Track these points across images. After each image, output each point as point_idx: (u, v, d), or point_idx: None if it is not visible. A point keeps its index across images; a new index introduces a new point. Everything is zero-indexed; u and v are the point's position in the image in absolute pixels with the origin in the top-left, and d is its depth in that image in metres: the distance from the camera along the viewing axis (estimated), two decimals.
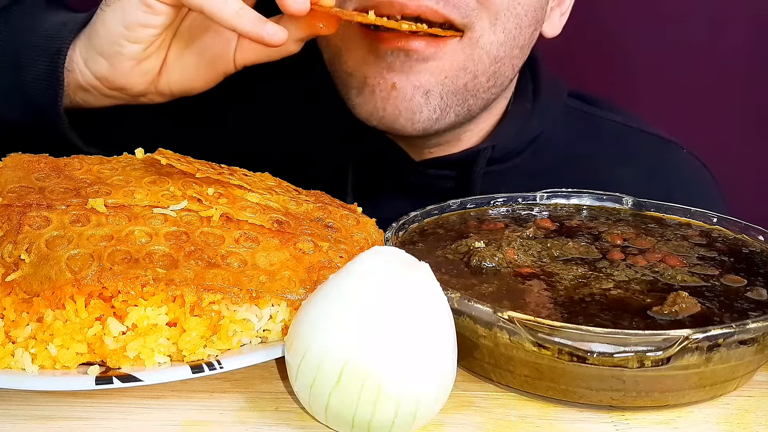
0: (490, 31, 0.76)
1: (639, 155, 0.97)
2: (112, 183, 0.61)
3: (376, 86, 0.77)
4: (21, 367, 0.51)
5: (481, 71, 0.78)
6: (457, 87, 0.78)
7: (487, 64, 0.78)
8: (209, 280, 0.54)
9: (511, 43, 0.79)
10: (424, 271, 0.49)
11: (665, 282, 0.61)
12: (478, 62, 0.77)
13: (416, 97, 0.77)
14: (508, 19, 0.77)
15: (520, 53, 0.81)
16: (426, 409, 0.48)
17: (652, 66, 1.29)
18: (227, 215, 0.59)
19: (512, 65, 0.82)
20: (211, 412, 0.52)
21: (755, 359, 0.54)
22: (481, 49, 0.77)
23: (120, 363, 0.52)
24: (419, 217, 0.72)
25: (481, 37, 0.76)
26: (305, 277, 0.57)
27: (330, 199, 0.70)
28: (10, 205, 0.57)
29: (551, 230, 0.71)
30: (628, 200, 0.78)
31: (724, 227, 0.72)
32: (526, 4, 0.78)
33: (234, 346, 0.55)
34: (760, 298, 0.58)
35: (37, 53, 0.73)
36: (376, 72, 0.77)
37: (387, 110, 0.77)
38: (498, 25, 0.76)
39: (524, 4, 0.78)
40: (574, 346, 0.50)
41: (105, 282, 0.52)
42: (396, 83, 0.76)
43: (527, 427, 0.52)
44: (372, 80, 0.77)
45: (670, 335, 0.49)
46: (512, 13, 0.77)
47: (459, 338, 0.51)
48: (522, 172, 0.91)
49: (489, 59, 0.78)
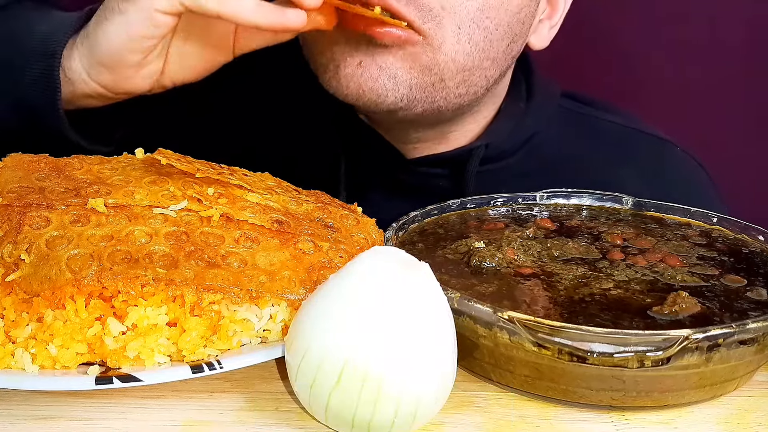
0: (453, 39, 0.76)
1: (635, 155, 0.97)
2: (112, 183, 0.61)
3: (341, 62, 0.77)
4: (21, 367, 0.51)
5: (448, 77, 0.79)
6: (425, 84, 0.78)
7: (454, 71, 0.78)
8: (209, 280, 0.54)
9: (480, 55, 0.79)
10: (424, 271, 0.49)
11: (665, 282, 0.61)
12: (443, 67, 0.78)
13: (381, 78, 0.76)
14: (473, 30, 0.77)
15: (492, 65, 0.81)
16: (426, 409, 0.48)
17: (651, 66, 1.29)
18: (227, 215, 0.59)
19: (485, 76, 0.82)
20: (211, 412, 0.52)
21: (755, 359, 0.54)
22: (445, 55, 0.77)
23: (120, 363, 0.52)
24: (419, 217, 0.72)
25: (443, 44, 0.76)
26: (305, 277, 0.57)
27: (330, 199, 0.70)
28: (10, 205, 0.57)
29: (551, 230, 0.71)
30: (628, 200, 0.78)
31: (724, 227, 0.72)
32: (496, 18, 0.78)
33: (234, 346, 0.55)
34: (760, 298, 0.58)
35: (32, 56, 0.73)
36: (344, 50, 0.77)
37: (350, 88, 0.78)
38: (462, 35, 0.77)
39: (494, 18, 0.78)
40: (574, 346, 0.50)
41: (105, 282, 0.52)
42: (362, 61, 0.76)
43: (527, 427, 0.52)
44: (339, 56, 0.78)
45: (670, 335, 0.49)
46: (479, 25, 0.77)
47: (459, 338, 0.51)
48: (516, 171, 0.91)
49: (455, 66, 0.78)
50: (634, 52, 1.29)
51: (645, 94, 1.30)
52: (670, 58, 1.28)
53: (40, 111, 0.74)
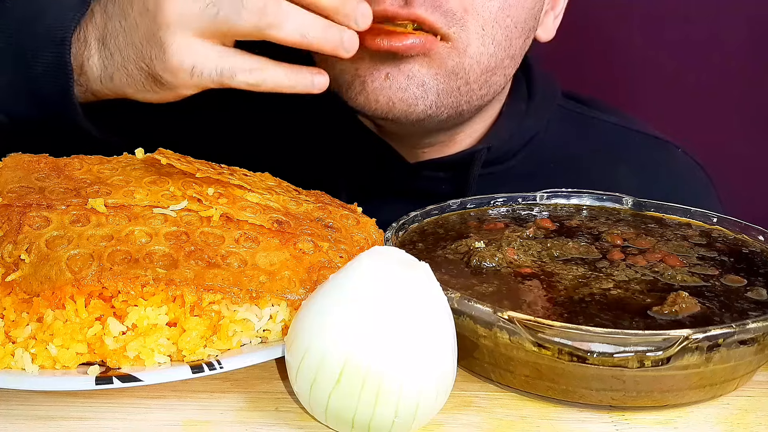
0: (478, 42, 0.77)
1: (634, 156, 0.97)
2: (112, 183, 0.61)
3: (367, 77, 0.77)
4: (21, 367, 0.51)
5: (473, 79, 0.79)
6: (451, 89, 0.78)
7: (479, 72, 0.79)
8: (209, 280, 0.54)
9: (502, 54, 0.79)
10: (424, 271, 0.49)
11: (665, 282, 0.61)
12: (469, 70, 0.78)
13: (411, 87, 0.76)
14: (496, 31, 0.77)
15: (511, 62, 0.82)
16: (426, 409, 0.48)
17: (651, 66, 1.29)
18: (227, 215, 0.59)
19: (504, 74, 0.82)
20: (211, 412, 0.52)
21: (755, 359, 0.54)
22: (471, 58, 0.77)
23: (120, 363, 0.52)
24: (419, 217, 0.72)
25: (468, 46, 0.76)
26: (305, 277, 0.57)
27: (330, 199, 0.70)
28: (10, 205, 0.57)
29: (551, 230, 0.71)
30: (628, 200, 0.78)
31: (724, 227, 0.72)
32: (515, 16, 0.78)
33: (234, 346, 0.55)
34: (760, 298, 0.58)
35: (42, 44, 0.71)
36: (368, 66, 0.77)
37: (380, 101, 0.77)
38: (486, 37, 0.77)
39: (513, 16, 0.78)
40: (574, 346, 0.50)
41: (105, 282, 0.52)
42: (389, 73, 0.76)
43: (527, 427, 0.52)
44: (364, 72, 0.77)
45: (670, 335, 0.49)
46: (501, 25, 0.77)
47: (459, 338, 0.51)
48: (517, 174, 0.91)
49: (480, 68, 0.78)
50: (633, 51, 1.30)
51: (644, 94, 1.30)
52: (670, 58, 1.28)
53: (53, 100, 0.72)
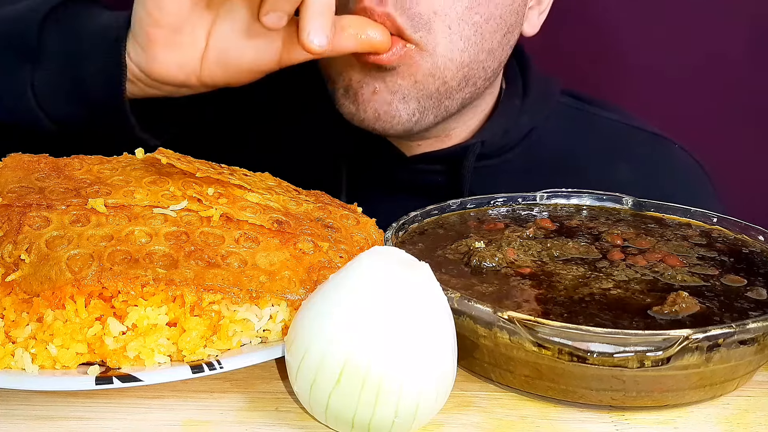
0: (446, 40, 0.78)
1: (633, 153, 0.97)
2: (112, 183, 0.61)
3: (359, 90, 0.80)
4: (21, 367, 0.51)
5: (449, 77, 0.80)
6: (431, 91, 0.80)
7: (454, 70, 0.80)
8: (209, 280, 0.54)
9: (475, 49, 0.80)
10: (424, 271, 0.49)
11: (665, 282, 0.61)
12: (444, 69, 0.79)
13: (394, 101, 0.79)
14: (463, 27, 0.78)
15: (489, 56, 0.82)
16: (426, 409, 0.48)
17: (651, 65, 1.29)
18: (227, 215, 0.59)
19: (483, 68, 0.83)
20: (211, 412, 0.52)
21: (755, 359, 0.54)
22: (443, 56, 0.78)
23: (120, 363, 0.52)
24: (419, 217, 0.72)
25: (437, 46, 0.77)
26: (305, 277, 0.57)
27: (330, 199, 0.70)
28: (10, 205, 0.57)
29: (551, 230, 0.71)
30: (628, 200, 0.78)
31: (724, 227, 0.72)
32: (485, 13, 0.79)
33: (234, 346, 0.55)
34: (760, 298, 0.58)
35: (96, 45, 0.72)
36: (361, 77, 0.80)
37: (368, 113, 0.80)
38: (453, 34, 0.78)
39: (483, 13, 0.79)
40: (574, 346, 0.50)
41: (105, 282, 0.52)
42: (377, 88, 0.79)
43: (527, 427, 0.52)
44: (356, 84, 0.80)
45: (670, 335, 0.49)
46: (468, 21, 0.78)
47: (459, 338, 0.51)
48: (514, 168, 0.92)
49: (454, 65, 0.79)
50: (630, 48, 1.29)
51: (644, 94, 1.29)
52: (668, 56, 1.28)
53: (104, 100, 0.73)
